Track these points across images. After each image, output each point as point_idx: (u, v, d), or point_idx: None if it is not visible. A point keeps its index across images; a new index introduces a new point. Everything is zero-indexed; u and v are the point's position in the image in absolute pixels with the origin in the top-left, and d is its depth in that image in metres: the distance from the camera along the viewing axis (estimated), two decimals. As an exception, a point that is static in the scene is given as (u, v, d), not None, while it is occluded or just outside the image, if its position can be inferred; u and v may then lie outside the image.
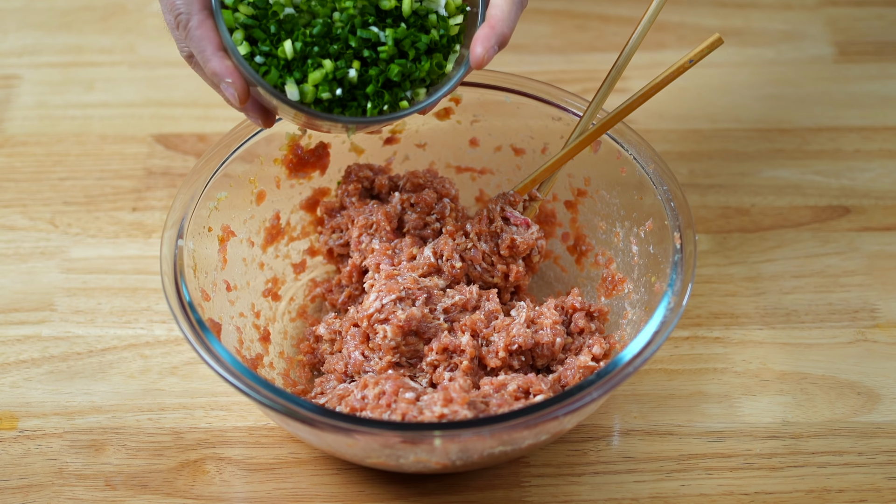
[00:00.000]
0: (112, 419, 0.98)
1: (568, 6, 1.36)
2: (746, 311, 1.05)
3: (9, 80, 1.27)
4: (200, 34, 0.84)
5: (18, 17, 1.34)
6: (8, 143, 1.21)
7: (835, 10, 1.34)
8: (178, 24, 0.84)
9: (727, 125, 1.22)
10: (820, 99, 1.24)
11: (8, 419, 0.98)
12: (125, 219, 1.13)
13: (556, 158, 0.97)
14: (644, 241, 0.97)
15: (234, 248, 0.99)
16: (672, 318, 0.87)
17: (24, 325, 1.05)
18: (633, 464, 0.95)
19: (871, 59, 1.28)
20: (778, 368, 1.01)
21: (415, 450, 0.84)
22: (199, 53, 0.84)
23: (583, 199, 1.03)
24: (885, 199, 1.15)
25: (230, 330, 0.95)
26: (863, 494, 0.93)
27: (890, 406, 0.99)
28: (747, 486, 0.94)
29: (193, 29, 0.84)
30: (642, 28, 0.92)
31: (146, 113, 1.24)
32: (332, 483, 0.94)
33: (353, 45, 0.85)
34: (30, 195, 1.16)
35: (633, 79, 1.20)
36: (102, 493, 0.94)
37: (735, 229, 1.12)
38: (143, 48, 1.30)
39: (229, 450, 0.96)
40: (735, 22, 1.33)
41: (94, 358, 1.02)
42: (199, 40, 0.84)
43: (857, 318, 1.05)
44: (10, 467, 0.95)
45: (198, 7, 0.84)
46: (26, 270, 1.09)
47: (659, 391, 1.00)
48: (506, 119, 1.03)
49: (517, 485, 0.94)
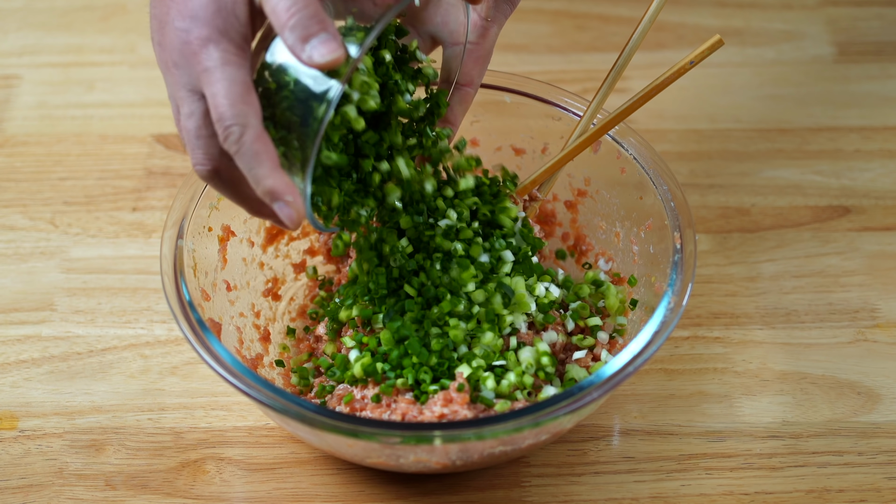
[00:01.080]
0: (112, 419, 0.98)
1: (568, 6, 1.36)
2: (746, 311, 1.06)
3: (9, 80, 1.27)
4: (258, 149, 0.75)
5: (18, 17, 1.34)
6: (8, 143, 1.21)
7: (835, 10, 1.34)
8: (226, 136, 0.75)
9: (727, 125, 1.22)
10: (820, 99, 1.24)
11: (8, 419, 0.98)
12: (125, 219, 1.13)
13: (556, 159, 0.97)
14: (644, 241, 0.97)
15: (234, 248, 0.99)
16: (672, 318, 0.87)
17: (24, 325, 1.05)
18: (633, 464, 0.95)
19: (871, 59, 1.28)
20: (778, 368, 1.01)
21: (415, 450, 0.84)
22: (253, 169, 0.75)
23: (583, 199, 1.03)
24: (885, 199, 1.15)
25: (230, 330, 0.95)
26: (863, 494, 0.93)
27: (890, 406, 0.99)
28: (747, 486, 0.94)
29: (250, 143, 0.75)
30: (642, 28, 0.92)
31: (146, 113, 1.24)
32: (332, 483, 0.94)
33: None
34: (30, 195, 1.16)
35: (633, 79, 1.20)
36: (102, 493, 0.94)
37: (735, 229, 1.12)
38: (143, 48, 1.30)
39: (229, 450, 0.96)
40: (735, 22, 1.33)
41: (95, 358, 1.02)
42: (257, 155, 0.75)
43: (857, 318, 1.05)
44: (10, 467, 0.95)
45: (255, 118, 0.75)
46: (26, 270, 1.09)
47: (659, 391, 1.00)
48: (506, 119, 1.03)
49: (517, 485, 0.94)
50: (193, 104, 0.77)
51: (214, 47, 0.75)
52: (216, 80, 0.75)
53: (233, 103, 0.74)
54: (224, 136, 0.75)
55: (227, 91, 0.75)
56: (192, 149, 0.78)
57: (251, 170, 0.75)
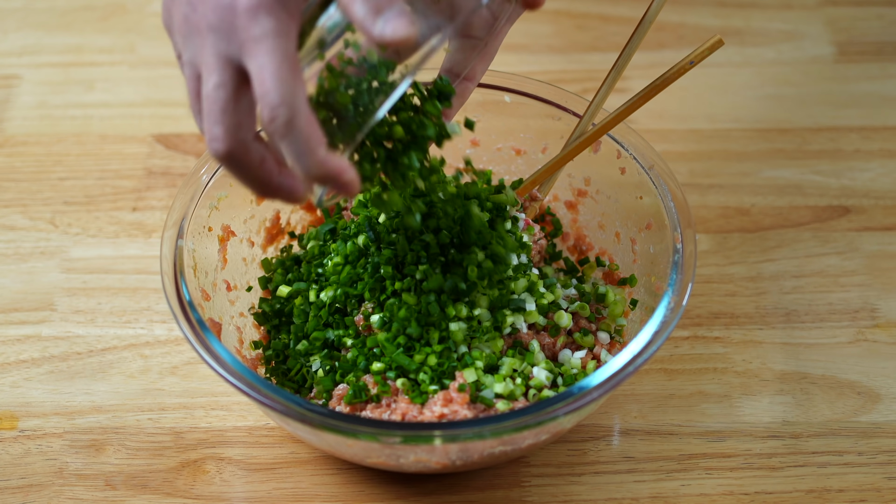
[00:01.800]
0: (112, 419, 0.98)
1: (568, 6, 1.36)
2: (746, 311, 1.05)
3: (9, 80, 1.27)
4: (310, 133, 0.69)
5: (18, 17, 1.34)
6: (8, 143, 1.21)
7: (835, 10, 1.34)
8: (272, 118, 0.68)
9: (727, 125, 1.22)
10: (820, 99, 1.24)
11: (8, 419, 0.98)
12: (125, 219, 1.13)
13: (556, 159, 0.97)
14: (644, 241, 0.97)
15: (234, 248, 0.99)
16: (672, 318, 0.87)
17: (24, 324, 1.05)
18: (633, 464, 0.95)
19: (871, 59, 1.28)
20: (778, 368, 1.01)
21: (415, 450, 0.84)
22: (304, 155, 0.69)
23: (583, 199, 1.04)
24: (885, 199, 1.15)
25: (230, 330, 0.95)
26: (863, 494, 0.93)
27: (890, 406, 0.99)
28: (747, 486, 0.94)
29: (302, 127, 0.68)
30: (642, 28, 0.92)
31: (146, 113, 1.24)
32: (332, 483, 0.94)
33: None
34: (30, 195, 1.16)
35: (633, 79, 1.20)
36: (102, 493, 0.94)
37: (735, 229, 1.12)
38: (143, 48, 1.30)
39: (229, 450, 0.96)
40: (735, 22, 1.33)
41: (94, 358, 1.02)
42: (307, 140, 0.69)
43: (857, 318, 1.05)
44: (10, 467, 0.95)
45: (304, 99, 0.69)
46: (26, 270, 1.09)
47: (659, 391, 1.00)
48: (506, 119, 1.03)
49: (517, 485, 0.94)
50: (226, 74, 0.70)
51: (267, 15, 0.68)
52: (265, 51, 0.68)
53: (283, 81, 0.68)
54: (270, 118, 0.68)
55: (278, 67, 0.68)
56: (212, 123, 0.71)
57: (301, 155, 0.69)
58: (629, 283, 0.99)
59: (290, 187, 0.74)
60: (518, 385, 0.88)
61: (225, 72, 0.70)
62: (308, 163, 0.70)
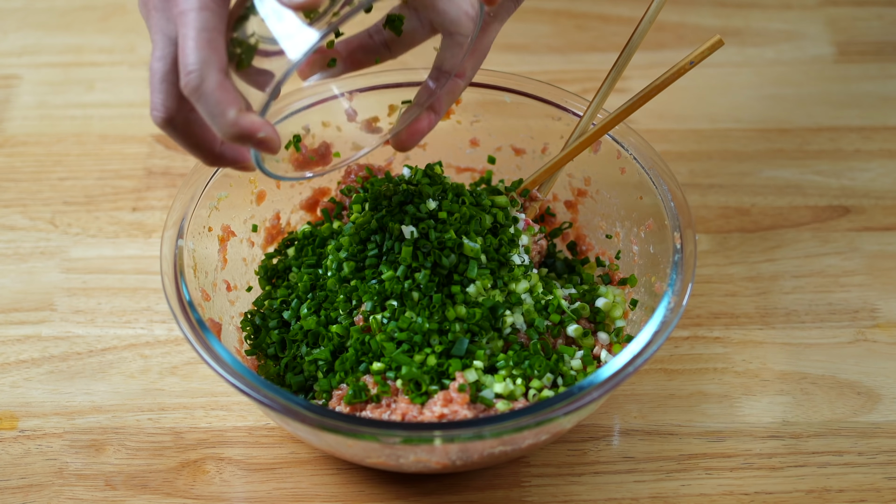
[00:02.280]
0: (112, 419, 0.98)
1: (568, 6, 1.36)
2: (746, 311, 1.06)
3: (9, 80, 1.27)
4: (220, 97, 0.74)
5: (18, 17, 1.34)
6: (8, 143, 1.21)
7: (835, 10, 1.34)
8: (186, 83, 0.74)
9: (727, 125, 1.22)
10: (820, 99, 1.24)
11: (8, 419, 0.98)
12: (125, 219, 1.13)
13: (556, 159, 0.97)
14: (644, 241, 0.97)
15: (234, 248, 0.99)
16: (672, 318, 0.87)
17: (24, 325, 1.05)
18: (633, 464, 0.95)
19: (871, 59, 1.28)
20: (778, 368, 1.01)
21: (415, 450, 0.84)
22: (216, 117, 0.74)
23: (583, 199, 1.04)
24: (885, 199, 1.15)
25: (230, 330, 0.95)
26: (863, 494, 0.93)
27: (890, 406, 0.99)
28: (747, 486, 0.94)
29: (211, 91, 0.74)
30: (642, 28, 0.92)
31: (146, 113, 1.23)
32: (332, 483, 0.94)
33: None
34: (30, 195, 1.16)
35: (633, 79, 1.20)
36: (102, 493, 0.94)
37: (735, 229, 1.12)
38: (143, 48, 1.30)
39: (229, 450, 0.96)
40: (735, 22, 1.33)
41: (94, 358, 1.02)
42: (219, 104, 0.74)
43: (857, 318, 1.05)
44: (10, 467, 0.95)
45: (218, 65, 0.74)
46: (26, 270, 1.09)
47: (659, 391, 1.00)
48: (506, 119, 1.03)
49: (517, 485, 0.94)
50: (166, 49, 0.77)
51: None
52: (186, 23, 0.74)
53: (198, 49, 0.73)
54: (184, 83, 0.74)
55: (195, 37, 0.74)
56: (153, 92, 0.78)
57: (214, 117, 0.74)
58: (629, 283, 0.99)
59: (233, 153, 0.81)
60: (518, 385, 0.88)
61: (165, 47, 0.77)
62: (220, 123, 0.75)
